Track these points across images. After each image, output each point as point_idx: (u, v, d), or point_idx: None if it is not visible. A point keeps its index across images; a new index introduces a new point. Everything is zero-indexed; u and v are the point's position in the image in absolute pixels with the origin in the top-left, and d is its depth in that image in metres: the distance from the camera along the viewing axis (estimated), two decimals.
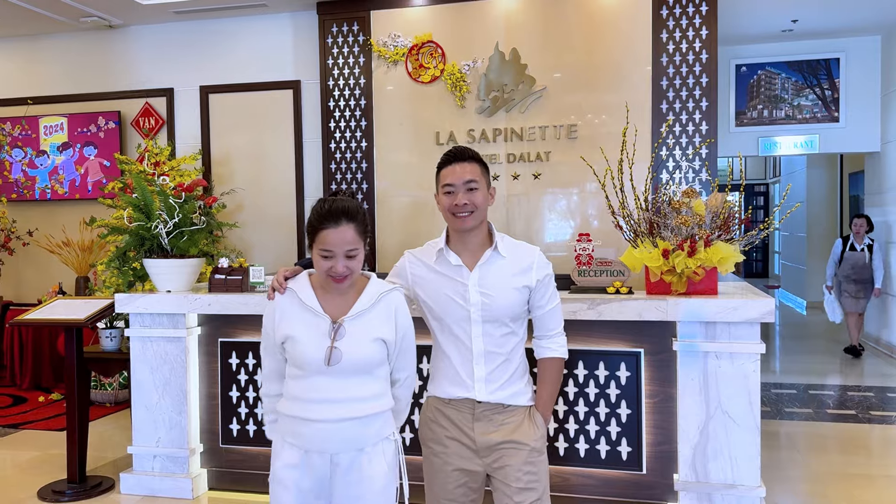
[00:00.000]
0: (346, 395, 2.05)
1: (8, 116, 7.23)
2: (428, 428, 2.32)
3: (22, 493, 4.05)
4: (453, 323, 2.23)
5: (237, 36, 6.71)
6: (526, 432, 2.23)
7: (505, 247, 2.24)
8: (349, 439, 2.06)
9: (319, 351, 2.03)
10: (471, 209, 2.19)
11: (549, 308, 2.29)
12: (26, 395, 6.37)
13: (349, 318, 2.08)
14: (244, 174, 6.67)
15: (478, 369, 2.22)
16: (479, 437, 2.23)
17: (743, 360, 3.24)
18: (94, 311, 3.94)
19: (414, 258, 2.33)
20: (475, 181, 2.20)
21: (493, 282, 2.20)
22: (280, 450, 2.11)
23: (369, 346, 2.07)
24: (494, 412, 2.23)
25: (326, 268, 2.03)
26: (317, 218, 2.05)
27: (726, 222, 3.40)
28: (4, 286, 7.30)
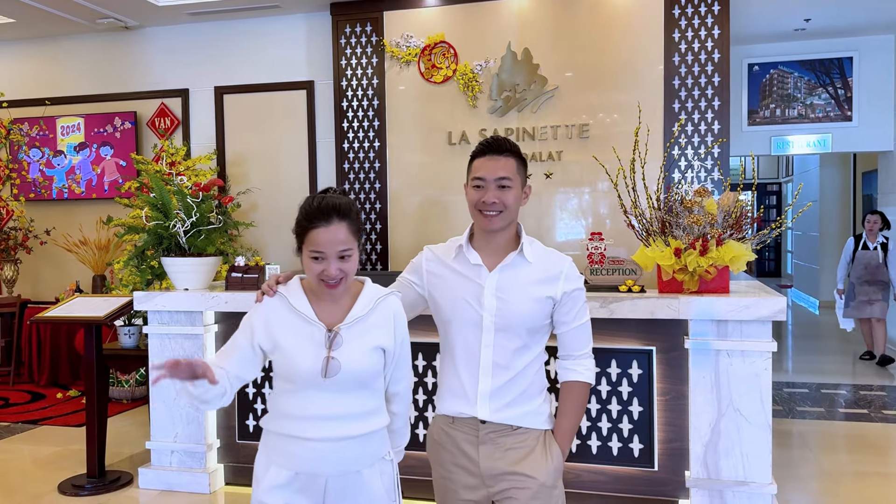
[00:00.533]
0: (343, 411, 1.87)
1: (26, 117, 7.32)
2: (433, 449, 2.12)
3: (42, 487, 4.12)
4: (463, 327, 2.01)
5: (251, 37, 6.77)
6: (536, 463, 1.98)
7: (532, 252, 2.03)
8: (346, 460, 1.88)
9: (314, 362, 1.85)
10: (500, 209, 1.98)
11: (575, 325, 2.05)
12: (44, 391, 6.46)
13: (345, 325, 1.89)
14: (258, 174, 6.74)
15: (483, 382, 1.99)
16: (484, 463, 1.99)
17: (754, 359, 3.26)
18: (113, 308, 4.01)
19: (432, 254, 2.14)
20: (509, 178, 1.99)
21: (513, 287, 1.99)
22: (264, 472, 1.90)
23: (368, 355, 1.90)
24: (501, 435, 1.99)
25: (318, 271, 1.85)
26: (305, 216, 1.87)
27: (738, 221, 3.42)
28: (22, 285, 7.40)
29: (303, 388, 1.87)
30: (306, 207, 1.89)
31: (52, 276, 7.38)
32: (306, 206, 1.89)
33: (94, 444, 4.05)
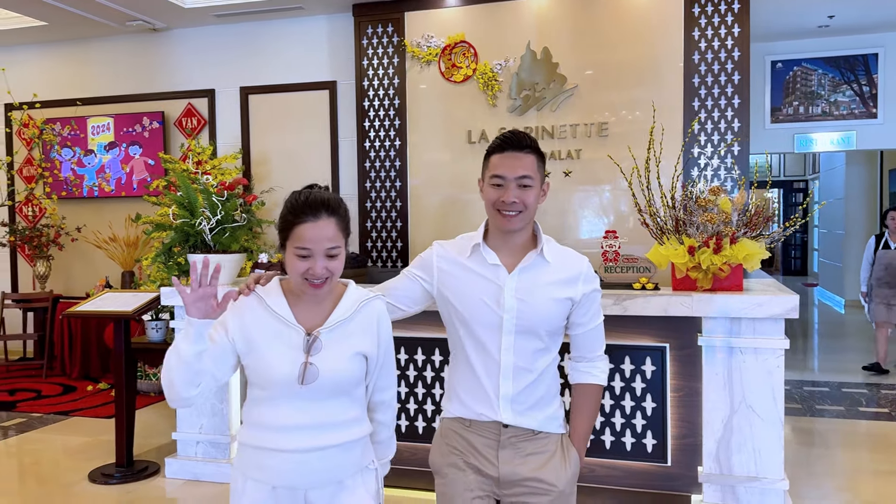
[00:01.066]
0: (322, 420, 1.76)
1: (58, 117, 7.53)
2: (442, 454, 2.00)
3: (73, 475, 4.27)
4: (481, 330, 1.93)
5: (275, 38, 6.90)
6: (556, 470, 1.93)
7: (550, 251, 1.96)
8: (326, 470, 1.78)
9: (291, 367, 1.73)
10: (520, 209, 1.90)
11: (591, 326, 2.01)
12: (75, 384, 6.65)
13: (325, 329, 1.78)
14: (282, 172, 6.86)
15: (504, 386, 1.92)
16: (504, 468, 1.92)
17: (767, 356, 3.29)
18: (141, 303, 4.14)
19: (444, 250, 2.02)
20: (530, 177, 1.90)
21: (534, 288, 1.91)
22: (241, 488, 1.79)
23: (348, 361, 1.78)
24: (522, 439, 1.93)
25: (303, 270, 1.73)
26: (291, 210, 1.76)
27: (752, 220, 3.45)
28: (55, 280, 7.61)
29: (278, 396, 1.75)
30: (292, 202, 1.78)
31: (83, 272, 7.58)
32: (292, 201, 1.78)
33: (122, 434, 4.19)
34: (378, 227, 6.44)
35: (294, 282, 1.79)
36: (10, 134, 7.76)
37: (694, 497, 3.43)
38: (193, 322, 1.66)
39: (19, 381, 6.79)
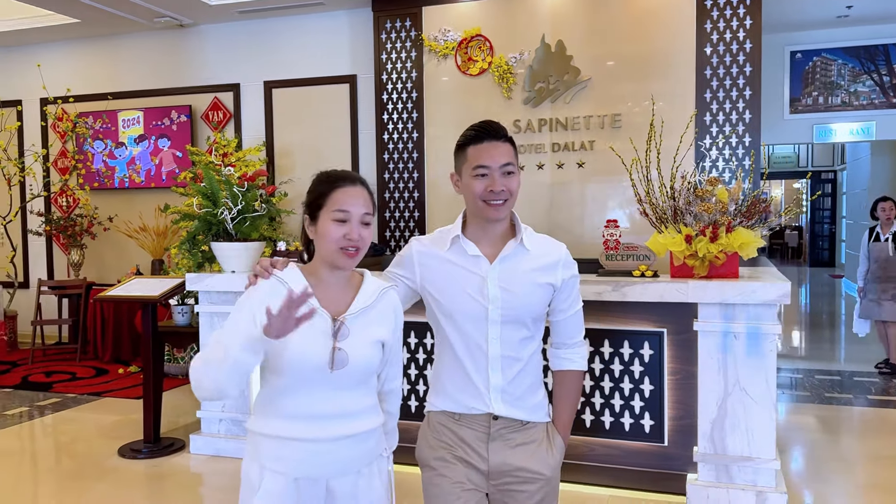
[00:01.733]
0: (343, 409, 1.76)
1: (90, 111, 7.82)
2: (430, 447, 1.99)
3: (105, 450, 4.54)
4: (467, 322, 1.92)
5: (297, 33, 7.10)
6: (543, 459, 1.95)
7: (529, 239, 1.96)
8: (350, 459, 1.78)
9: (320, 353, 1.72)
10: (506, 196, 1.90)
11: (570, 313, 2.02)
12: (107, 367, 6.95)
13: (350, 315, 1.78)
14: (304, 164, 7.07)
15: (494, 377, 1.92)
16: (494, 460, 1.93)
17: (760, 340, 3.41)
18: (167, 288, 4.37)
19: (422, 246, 2.02)
20: (511, 164, 1.92)
21: (516, 277, 1.92)
22: (257, 481, 1.74)
23: (371, 348, 1.79)
24: (511, 430, 1.95)
25: (339, 235, 1.73)
26: (326, 180, 1.80)
27: (749, 209, 3.56)
28: (88, 268, 7.92)
29: (301, 384, 1.73)
30: (326, 174, 1.82)
31: (115, 260, 7.88)
32: (325, 174, 1.83)
33: (150, 412, 4.44)
34: (396, 217, 6.63)
35: (326, 253, 1.76)
36: (46, 127, 8.08)
37: (689, 476, 3.56)
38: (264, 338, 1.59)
39: (55, 364, 7.12)
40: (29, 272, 8.30)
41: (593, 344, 3.72)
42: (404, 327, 2.04)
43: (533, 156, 6.23)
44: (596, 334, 3.71)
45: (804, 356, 7.38)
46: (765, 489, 3.41)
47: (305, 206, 1.83)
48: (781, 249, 21.99)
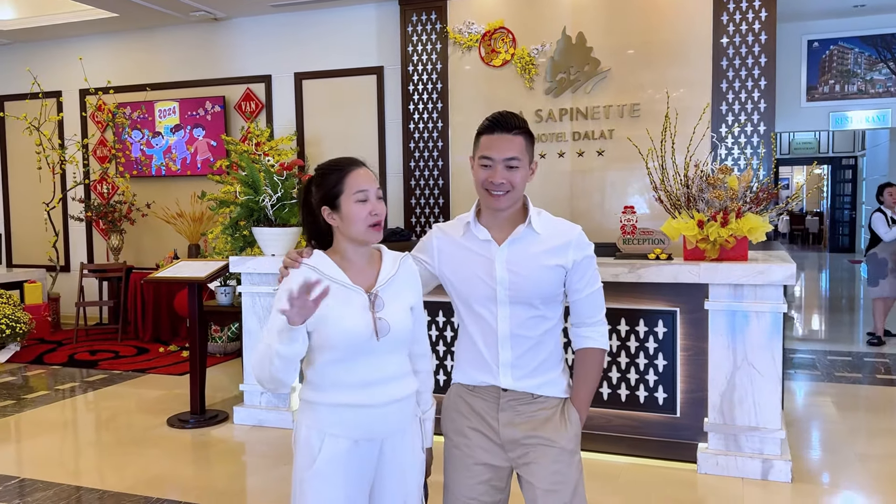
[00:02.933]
0: (389, 374, 1.92)
1: (129, 101, 8.16)
2: (450, 418, 2.11)
3: (153, 421, 4.88)
4: (478, 302, 2.02)
5: (327, 26, 7.37)
6: (556, 429, 2.00)
7: (540, 223, 2.02)
8: (399, 420, 1.95)
9: (364, 326, 1.86)
10: (507, 189, 1.97)
11: (587, 293, 2.05)
12: (148, 346, 7.32)
13: (381, 287, 1.93)
14: (333, 153, 7.27)
15: (503, 353, 2.00)
16: (504, 430, 2.02)
17: (767, 318, 3.65)
18: (212, 270, 4.69)
19: (441, 232, 2.14)
20: (517, 158, 1.97)
21: (524, 259, 1.99)
22: (317, 445, 1.89)
23: (405, 314, 1.95)
24: (522, 402, 2.02)
25: (365, 214, 1.89)
26: (337, 166, 1.95)
27: (757, 196, 3.80)
28: (127, 252, 8.30)
29: (351, 355, 1.87)
30: (329, 166, 1.95)
31: (153, 245, 8.25)
32: (328, 166, 1.96)
33: (196, 384, 4.77)
34: (422, 203, 6.91)
35: (356, 232, 1.90)
36: (85, 118, 8.43)
37: (700, 445, 3.82)
38: (295, 327, 1.74)
39: (98, 344, 7.50)
40: (70, 257, 8.69)
41: (611, 322, 3.98)
42: (435, 307, 2.24)
43: (554, 144, 6.47)
44: (613, 313, 3.96)
45: (820, 338, 7.58)
46: (770, 457, 3.67)
47: (319, 197, 1.93)
48: (802, 235, 22.02)
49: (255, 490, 3.82)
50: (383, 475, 1.95)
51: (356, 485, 1.91)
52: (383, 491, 1.96)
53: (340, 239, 1.95)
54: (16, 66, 8.69)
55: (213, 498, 3.62)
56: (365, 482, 1.93)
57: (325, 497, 1.87)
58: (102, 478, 3.92)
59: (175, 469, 4.06)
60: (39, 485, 3.81)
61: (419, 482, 2.03)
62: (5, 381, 6.03)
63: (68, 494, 3.69)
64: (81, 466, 4.17)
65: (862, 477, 3.80)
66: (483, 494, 2.02)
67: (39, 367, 6.57)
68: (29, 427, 4.84)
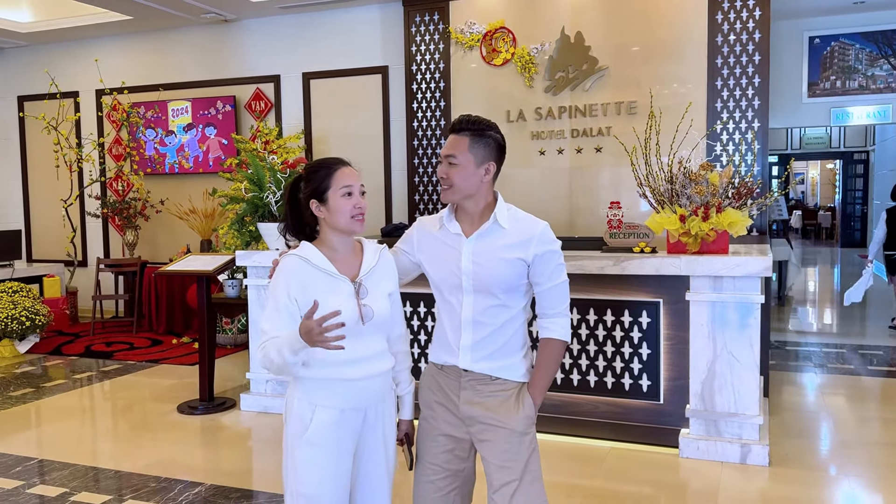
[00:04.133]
0: (374, 351, 2.15)
1: (142, 101, 8.41)
2: (422, 392, 2.31)
3: (165, 407, 5.12)
4: (446, 290, 2.21)
5: (333, 26, 7.57)
6: (508, 412, 2.16)
7: (507, 218, 2.17)
8: (379, 391, 2.18)
9: (351, 311, 2.07)
10: (448, 184, 2.15)
11: (548, 286, 2.18)
12: (161, 338, 7.57)
13: (365, 276, 2.15)
14: (340, 150, 7.55)
15: (464, 337, 2.18)
16: (464, 406, 2.20)
17: (746, 309, 3.81)
18: (219, 264, 4.91)
19: (421, 225, 2.32)
20: (453, 156, 2.13)
21: (487, 251, 2.14)
22: (308, 415, 2.11)
23: (386, 300, 2.17)
24: (480, 383, 2.19)
25: (351, 206, 2.12)
26: (324, 165, 2.17)
27: (738, 192, 3.95)
28: (142, 247, 8.56)
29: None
30: (317, 164, 2.17)
31: (166, 240, 8.50)
32: (317, 164, 2.18)
33: (205, 372, 4.99)
34: (425, 199, 7.09)
35: (342, 224, 2.11)
36: (101, 117, 8.70)
37: (682, 430, 3.99)
38: (305, 345, 1.98)
39: (113, 335, 7.76)
40: (87, 252, 8.97)
41: (596, 313, 4.16)
42: (416, 298, 2.44)
43: (553, 141, 6.64)
44: (599, 304, 4.15)
45: (818, 330, 7.69)
46: (749, 441, 3.83)
47: (310, 193, 2.13)
48: (815, 230, 21.98)
49: (260, 471, 4.04)
50: (366, 441, 2.18)
51: (343, 449, 2.13)
52: (368, 453, 2.19)
53: (327, 230, 2.15)
54: (34, 67, 8.97)
55: (221, 478, 3.84)
56: (350, 446, 2.15)
57: (315, 461, 2.10)
58: (117, 459, 4.16)
59: (185, 452, 4.29)
60: (57, 465, 4.05)
61: (394, 447, 2.26)
62: (25, 371, 6.30)
63: (84, 474, 3.93)
64: (97, 449, 4.41)
65: (839, 462, 3.95)
66: (447, 462, 2.22)
67: (58, 357, 6.85)
68: (48, 413, 5.10)
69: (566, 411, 4.25)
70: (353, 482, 2.20)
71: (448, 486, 2.22)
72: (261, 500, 3.58)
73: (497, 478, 2.15)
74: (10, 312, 6.67)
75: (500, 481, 2.14)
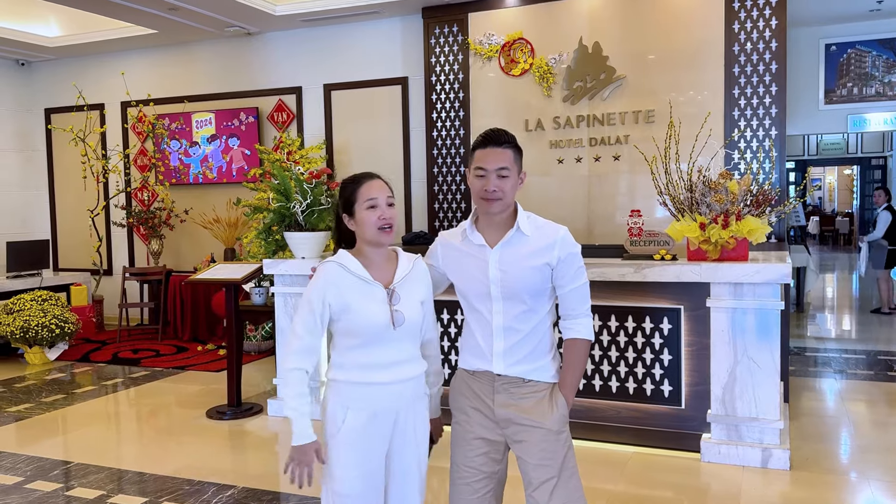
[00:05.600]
0: (405, 357, 2.23)
1: (167, 113, 8.58)
2: (454, 398, 2.39)
3: (193, 412, 5.24)
4: (475, 299, 2.29)
5: (354, 39, 7.71)
6: (543, 412, 2.25)
7: (529, 226, 2.26)
8: (410, 396, 2.25)
9: (383, 316, 2.17)
10: (499, 196, 2.22)
11: (571, 288, 2.28)
12: (186, 345, 7.71)
13: (398, 283, 2.24)
14: (360, 160, 7.70)
15: (497, 344, 2.26)
16: (498, 409, 2.27)
17: (765, 315, 3.87)
18: (248, 272, 5.04)
19: (444, 240, 2.41)
20: (507, 168, 2.22)
21: (513, 259, 2.23)
22: (342, 417, 2.19)
23: (418, 307, 2.26)
24: (514, 385, 2.27)
25: (376, 217, 2.20)
26: (353, 179, 2.28)
27: (756, 199, 4.02)
28: (166, 256, 8.71)
29: (371, 342, 2.19)
30: (349, 179, 2.29)
31: (191, 249, 8.66)
32: (349, 179, 2.30)
33: (233, 379, 5.11)
34: (444, 208, 7.20)
35: (369, 235, 2.22)
36: (126, 129, 8.88)
37: (704, 435, 4.05)
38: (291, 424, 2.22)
39: (139, 343, 7.91)
40: (112, 261, 9.15)
41: (618, 319, 4.24)
42: (441, 305, 2.54)
43: (572, 150, 6.72)
44: (621, 311, 4.22)
45: (838, 336, 7.70)
46: (770, 446, 3.89)
47: (341, 206, 2.29)
48: (833, 236, 21.87)
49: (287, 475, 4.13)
50: (398, 442, 2.25)
51: (375, 450, 2.21)
52: (400, 455, 2.26)
53: (359, 241, 2.29)
54: (61, 80, 9.19)
55: (252, 481, 3.94)
56: (382, 447, 2.23)
57: (348, 461, 2.19)
58: (149, 463, 4.27)
59: (215, 456, 4.40)
60: (92, 468, 4.18)
61: (427, 449, 2.35)
62: (55, 378, 6.45)
63: (119, 477, 4.05)
64: (129, 453, 4.52)
65: (860, 466, 3.99)
66: (482, 465, 2.30)
67: (86, 364, 7.00)
68: (80, 418, 5.23)
69: (589, 416, 4.32)
70: (387, 482, 2.27)
71: (484, 488, 2.30)
72: (291, 503, 3.68)
73: (535, 476, 2.23)
74: (41, 320, 6.83)
75: (539, 479, 2.23)
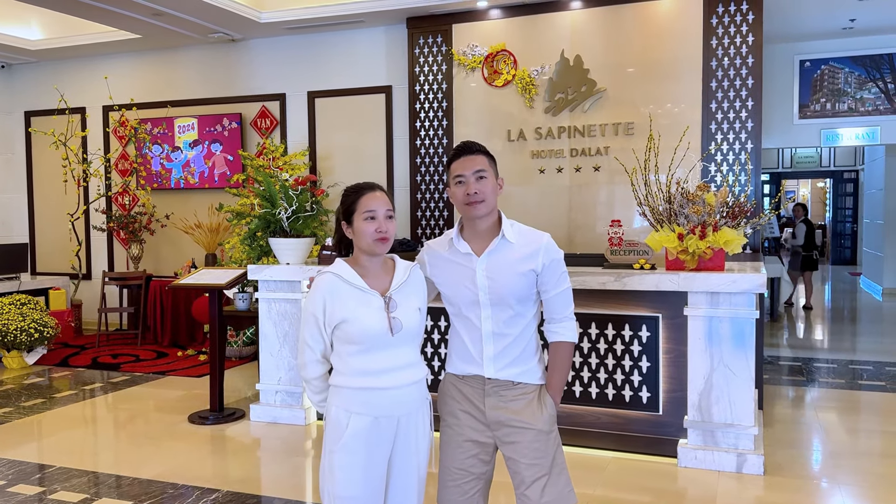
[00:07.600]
0: (405, 362, 2.27)
1: (150, 117, 8.57)
2: (444, 402, 2.44)
3: (175, 418, 5.24)
4: (464, 306, 2.35)
5: (339, 47, 7.77)
6: (533, 413, 2.32)
7: (513, 233, 2.33)
8: (412, 401, 2.28)
9: (381, 323, 2.21)
10: (482, 198, 2.28)
11: (555, 292, 2.36)
12: (166, 350, 7.69)
13: (395, 291, 2.28)
14: (344, 168, 7.75)
15: (487, 349, 2.33)
16: (489, 412, 2.34)
17: (741, 324, 3.98)
18: (232, 278, 5.06)
19: (430, 249, 2.47)
20: (483, 170, 2.30)
21: (500, 267, 2.30)
22: (344, 422, 2.23)
23: (415, 314, 2.30)
24: (504, 388, 2.33)
25: (373, 229, 2.24)
26: (354, 189, 2.33)
27: (733, 211, 4.13)
28: (147, 261, 8.68)
29: (370, 348, 2.22)
30: (351, 188, 2.34)
31: (171, 254, 8.64)
32: (351, 188, 2.34)
33: (215, 383, 5.13)
34: (427, 216, 7.27)
35: (365, 245, 2.25)
36: (108, 133, 8.85)
37: (680, 440, 4.15)
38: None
39: (119, 348, 7.88)
40: (92, 265, 9.09)
41: (598, 327, 4.33)
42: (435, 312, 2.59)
43: (553, 160, 6.83)
44: (601, 318, 4.32)
45: (811, 346, 7.87)
46: (744, 451, 3.99)
47: (341, 214, 2.34)
48: None
49: (269, 478, 4.16)
50: (400, 447, 2.29)
51: (377, 455, 2.25)
52: (400, 459, 2.30)
53: (357, 250, 2.33)
54: (42, 83, 9.14)
55: (233, 485, 3.96)
56: (384, 453, 2.27)
57: (350, 465, 2.22)
58: (133, 467, 4.28)
59: (198, 461, 4.41)
60: (75, 472, 4.17)
61: (428, 454, 2.38)
62: (34, 382, 6.41)
63: (102, 481, 4.05)
64: (112, 457, 4.52)
65: (831, 472, 4.11)
66: (472, 467, 2.37)
67: (65, 369, 6.96)
68: (61, 422, 5.21)
69: (569, 422, 4.40)
70: (386, 487, 2.31)
71: (473, 489, 2.38)
72: None
73: (528, 475, 2.31)
74: (20, 324, 6.79)
75: (532, 477, 2.31)
